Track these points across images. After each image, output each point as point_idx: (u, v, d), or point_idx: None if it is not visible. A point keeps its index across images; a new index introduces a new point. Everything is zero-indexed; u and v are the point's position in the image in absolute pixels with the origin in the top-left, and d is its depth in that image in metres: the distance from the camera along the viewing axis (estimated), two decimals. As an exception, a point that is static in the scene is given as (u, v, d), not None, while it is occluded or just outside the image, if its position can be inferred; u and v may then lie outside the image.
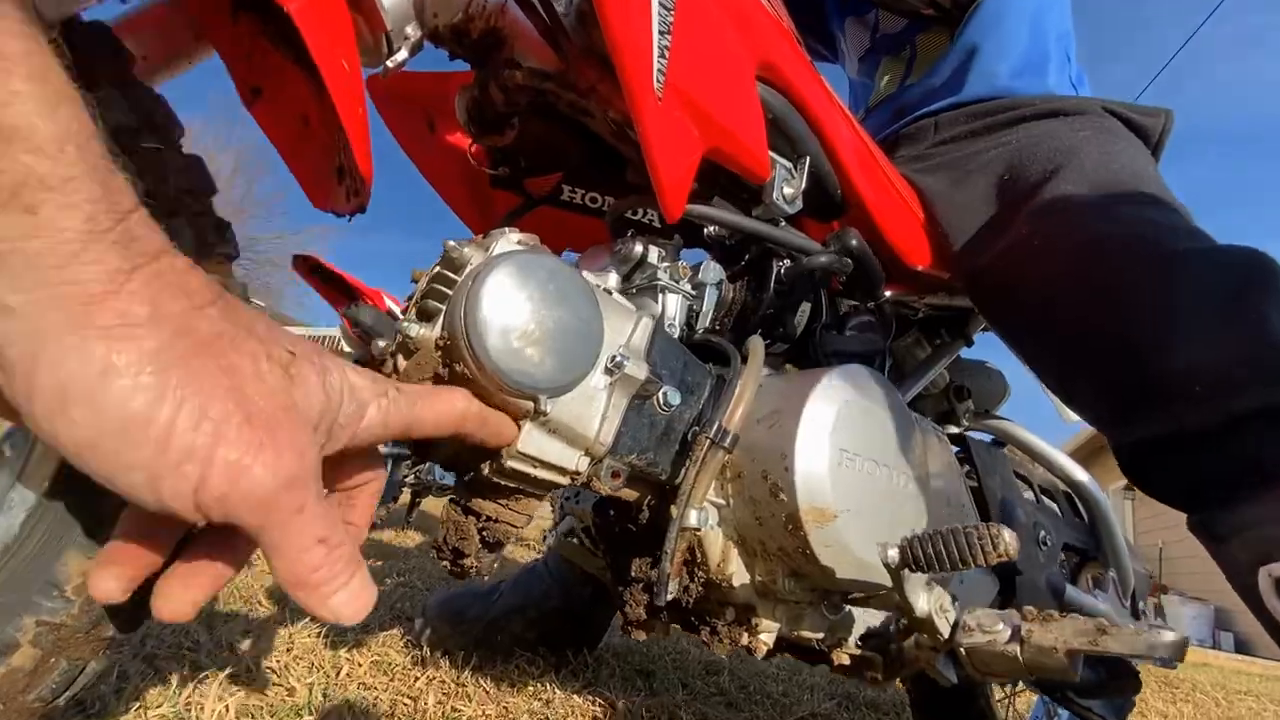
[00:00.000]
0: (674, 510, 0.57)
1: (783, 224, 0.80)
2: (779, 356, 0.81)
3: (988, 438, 1.09)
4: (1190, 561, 7.61)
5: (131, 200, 0.26)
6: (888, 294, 0.96)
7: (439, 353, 0.53)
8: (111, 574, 0.32)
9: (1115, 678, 0.80)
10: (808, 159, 0.75)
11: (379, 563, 2.12)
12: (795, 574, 0.60)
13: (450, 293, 0.54)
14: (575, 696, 1.09)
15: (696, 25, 0.59)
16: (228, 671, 0.93)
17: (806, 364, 0.80)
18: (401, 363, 0.55)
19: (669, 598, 0.59)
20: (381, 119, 0.85)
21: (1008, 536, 0.43)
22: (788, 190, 0.75)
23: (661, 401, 0.60)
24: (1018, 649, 0.56)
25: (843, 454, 0.57)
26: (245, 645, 1.04)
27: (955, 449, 0.88)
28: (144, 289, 0.26)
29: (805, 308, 0.80)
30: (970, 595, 0.77)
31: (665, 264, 0.73)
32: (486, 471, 0.55)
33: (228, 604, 1.30)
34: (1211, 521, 0.57)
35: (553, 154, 0.77)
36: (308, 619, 1.29)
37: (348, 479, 0.38)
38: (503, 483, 0.56)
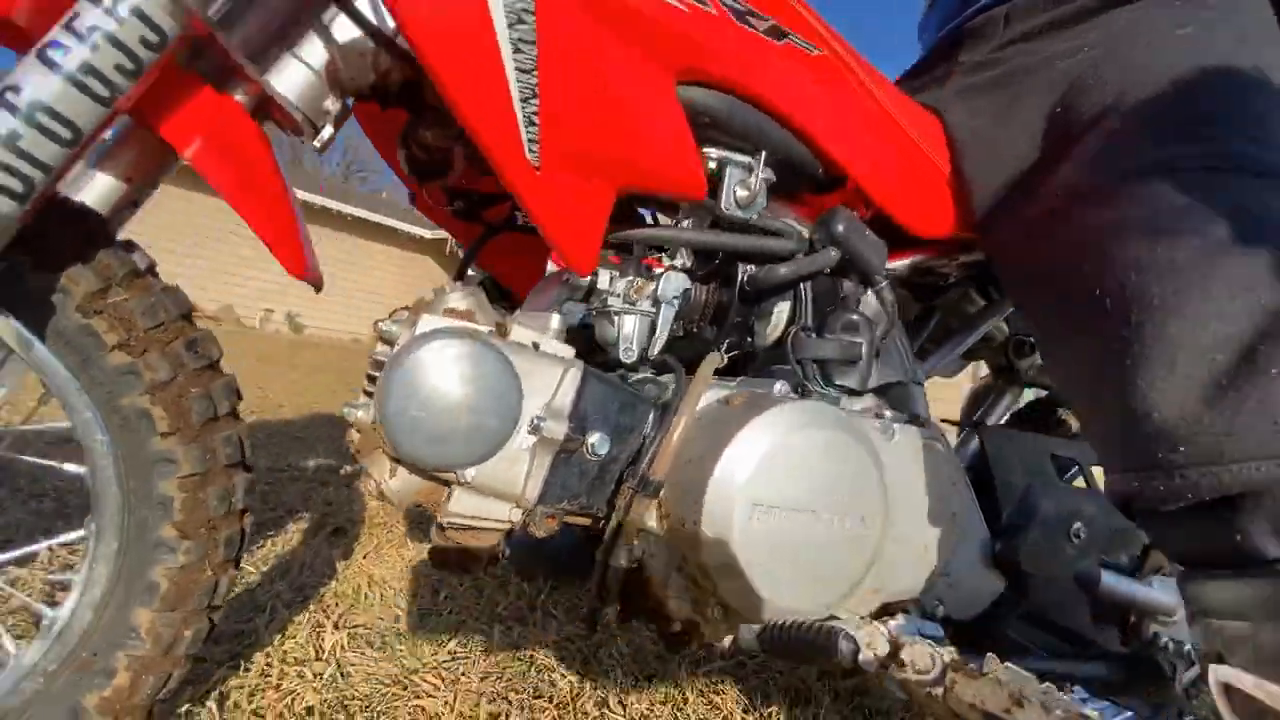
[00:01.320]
0: (599, 555, 0.63)
1: (759, 216, 0.73)
2: (756, 359, 0.78)
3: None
4: None
5: None
6: (909, 261, 0.85)
7: (377, 433, 0.61)
8: None
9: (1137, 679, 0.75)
10: (763, 154, 0.67)
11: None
12: (724, 607, 0.63)
13: (379, 376, 0.61)
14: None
15: (570, 69, 0.53)
16: (348, 603, 1.20)
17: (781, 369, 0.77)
18: (356, 436, 0.64)
19: (608, 621, 0.66)
20: (372, 145, 0.89)
21: (842, 646, 0.43)
22: (741, 193, 0.68)
23: (589, 451, 0.63)
24: (941, 694, 0.57)
25: (755, 508, 0.57)
26: (363, 580, 1.31)
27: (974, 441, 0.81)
28: None
29: (782, 309, 0.75)
30: (962, 595, 0.74)
31: (620, 284, 0.72)
32: (436, 524, 0.64)
33: (371, 533, 1.61)
34: (1187, 589, 0.49)
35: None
36: (424, 542, 1.57)
37: None
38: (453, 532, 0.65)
